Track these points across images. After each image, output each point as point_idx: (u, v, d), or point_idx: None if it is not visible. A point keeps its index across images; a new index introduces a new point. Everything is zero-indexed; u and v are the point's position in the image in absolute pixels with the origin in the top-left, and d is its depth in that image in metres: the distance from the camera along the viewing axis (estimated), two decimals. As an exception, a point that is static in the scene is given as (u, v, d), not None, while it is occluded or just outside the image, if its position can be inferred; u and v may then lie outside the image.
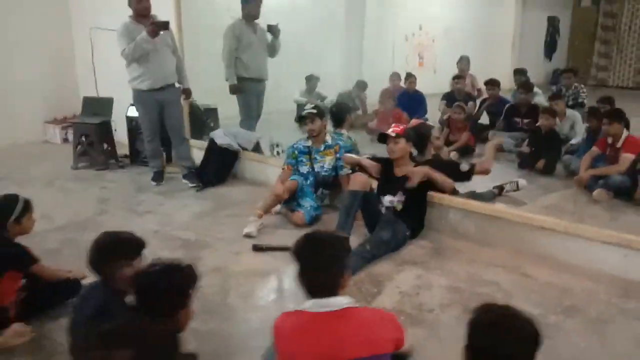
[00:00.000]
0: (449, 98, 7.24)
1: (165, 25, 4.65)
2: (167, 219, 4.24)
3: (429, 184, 3.67)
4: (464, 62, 8.08)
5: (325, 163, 4.23)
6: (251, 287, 3.19)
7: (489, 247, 3.64)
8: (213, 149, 5.24)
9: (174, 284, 1.83)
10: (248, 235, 3.81)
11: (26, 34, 6.58)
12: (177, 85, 5.02)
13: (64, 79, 7.06)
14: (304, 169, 4.27)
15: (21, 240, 2.73)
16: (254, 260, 3.54)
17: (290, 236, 3.29)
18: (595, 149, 4.86)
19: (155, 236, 3.76)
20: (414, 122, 3.96)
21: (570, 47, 13.93)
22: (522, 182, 4.68)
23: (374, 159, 3.93)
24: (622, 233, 3.21)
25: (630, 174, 4.47)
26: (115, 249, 2.08)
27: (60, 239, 3.77)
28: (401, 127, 3.66)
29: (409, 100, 7.44)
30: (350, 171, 4.24)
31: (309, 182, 4.24)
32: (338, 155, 4.21)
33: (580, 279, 3.17)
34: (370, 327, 1.65)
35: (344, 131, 4.56)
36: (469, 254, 3.56)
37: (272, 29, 5.45)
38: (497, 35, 11.99)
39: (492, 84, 6.94)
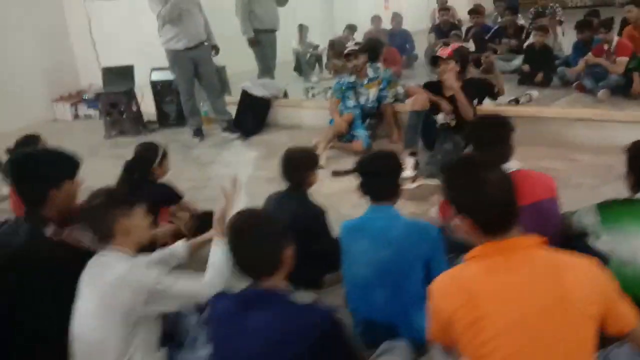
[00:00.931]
0: (437, 30, 7.73)
1: None
2: (234, 165, 4.57)
3: (476, 98, 4.15)
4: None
5: (369, 95, 4.65)
6: (348, 202, 3.62)
7: (532, 145, 4.21)
8: (246, 101, 5.53)
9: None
10: (319, 167, 4.22)
11: (16, 16, 6.47)
12: (205, 43, 5.23)
13: (61, 55, 7.03)
14: (350, 102, 4.67)
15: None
16: (337, 183, 3.98)
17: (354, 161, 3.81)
18: (591, 55, 5.48)
19: (245, 180, 4.11)
20: (454, 45, 4.39)
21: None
22: (535, 93, 5.28)
23: (423, 86, 4.33)
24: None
25: (624, 75, 5.15)
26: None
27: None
28: (448, 50, 4.10)
29: (398, 38, 7.88)
30: (393, 100, 4.70)
31: (356, 114, 4.65)
32: (381, 86, 4.62)
33: (618, 157, 3.79)
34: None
35: (379, 64, 4.95)
36: (517, 154, 4.12)
37: None
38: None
39: (476, 12, 7.45)
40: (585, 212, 2.15)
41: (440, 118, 4.19)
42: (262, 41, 5.73)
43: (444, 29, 7.65)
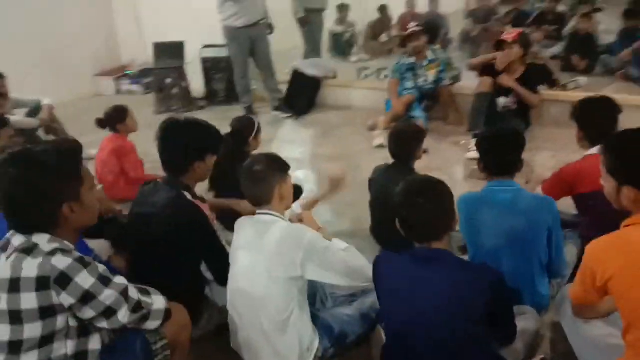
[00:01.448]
0: (474, 15, 7.77)
1: None
2: (297, 144, 4.68)
3: (536, 85, 4.25)
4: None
5: (428, 77, 4.74)
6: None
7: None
8: (298, 80, 5.62)
9: None
10: (381, 146, 4.35)
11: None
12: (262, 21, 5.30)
13: (104, 30, 7.10)
14: (409, 84, 4.76)
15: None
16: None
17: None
18: (636, 45, 5.56)
19: (308, 158, 4.25)
20: (516, 30, 4.47)
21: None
22: (583, 79, 5.36)
23: (485, 72, 4.41)
24: None
25: (673, 64, 5.25)
26: None
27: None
28: (514, 34, 4.19)
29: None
30: (451, 82, 4.80)
31: (415, 95, 4.75)
32: (440, 69, 4.72)
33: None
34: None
35: (437, 46, 5.04)
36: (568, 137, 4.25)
37: None
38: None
39: (515, -3, 7.50)
40: None
41: (501, 102, 4.30)
42: (312, 21, 5.80)
43: (481, 14, 7.70)
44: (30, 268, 1.34)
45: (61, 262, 1.35)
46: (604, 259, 1.60)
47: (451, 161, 4.05)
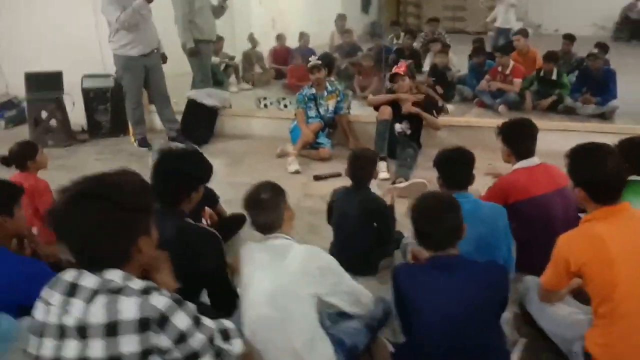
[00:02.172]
0: (341, 51, 8.40)
1: None
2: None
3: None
4: (341, 19, 9.29)
5: (329, 106, 5.06)
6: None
7: (478, 150, 5.01)
8: (194, 110, 5.55)
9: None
10: (297, 172, 4.54)
11: None
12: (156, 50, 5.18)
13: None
14: (312, 113, 5.03)
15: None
16: (322, 185, 4.31)
17: (325, 166, 4.53)
18: (488, 77, 6.57)
19: (220, 185, 4.21)
20: (403, 64, 4.99)
21: (380, 1, 16.25)
22: (450, 107, 6.17)
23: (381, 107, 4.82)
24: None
25: (518, 93, 6.30)
26: None
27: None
28: (403, 67, 4.71)
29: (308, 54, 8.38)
30: (348, 111, 5.19)
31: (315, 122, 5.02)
32: (338, 98, 5.07)
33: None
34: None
35: (332, 78, 5.39)
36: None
37: None
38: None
39: (376, 35, 8.31)
40: None
41: (397, 127, 4.78)
42: (202, 51, 5.79)
43: (346, 49, 8.37)
44: (129, 309, 1.24)
45: (160, 302, 1.28)
46: (576, 249, 1.97)
47: (365, 182, 4.36)
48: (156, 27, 5.09)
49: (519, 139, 2.79)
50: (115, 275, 1.30)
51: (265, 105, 5.89)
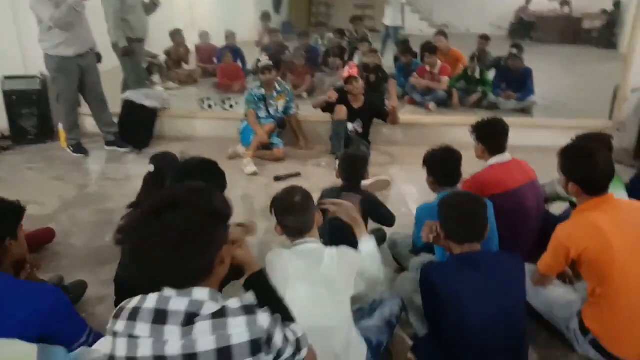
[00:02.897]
0: (267, 50, 8.33)
1: None
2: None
3: (374, 114, 4.96)
4: (264, 17, 9.27)
5: (278, 106, 5.04)
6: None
7: (419, 146, 5.23)
8: (131, 112, 5.27)
9: None
10: (254, 173, 4.49)
11: None
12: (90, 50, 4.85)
13: None
14: (262, 113, 4.98)
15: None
16: (282, 186, 4.24)
17: (281, 166, 4.56)
18: (416, 75, 6.89)
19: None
20: (354, 66, 5.09)
21: (290, 1, 16.32)
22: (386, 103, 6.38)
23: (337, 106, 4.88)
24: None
25: (446, 91, 6.68)
26: None
27: (77, 218, 3.70)
28: (355, 69, 4.82)
29: (234, 54, 8.25)
30: (298, 110, 5.21)
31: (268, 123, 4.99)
32: (288, 98, 5.07)
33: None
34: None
35: (278, 78, 5.35)
36: (404, 152, 5.10)
37: None
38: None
39: (304, 35, 8.37)
40: (554, 184, 3.12)
41: (349, 126, 4.89)
42: (135, 50, 5.51)
43: (274, 48, 8.34)
44: (240, 332, 1.16)
45: (265, 321, 1.22)
46: (576, 237, 2.18)
47: (324, 182, 4.40)
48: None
49: (492, 137, 2.96)
50: (203, 294, 1.23)
51: (210, 106, 5.72)
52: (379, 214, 2.92)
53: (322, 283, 1.87)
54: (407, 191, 4.23)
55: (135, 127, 5.24)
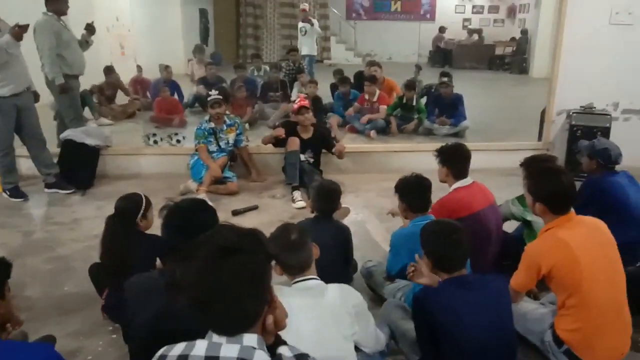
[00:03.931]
0: (205, 82, 8.30)
1: (26, 28, 4.33)
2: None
3: (323, 144, 5.07)
4: (198, 50, 9.21)
5: (229, 139, 5.02)
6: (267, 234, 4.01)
7: (365, 173, 5.41)
8: (72, 151, 5.04)
9: None
10: (211, 209, 4.41)
11: None
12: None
13: None
14: (212, 147, 4.95)
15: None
16: (243, 220, 4.26)
17: (236, 200, 4.60)
18: (357, 105, 7.12)
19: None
20: (302, 97, 5.16)
21: (216, 33, 16.36)
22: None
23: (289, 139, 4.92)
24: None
25: (385, 119, 6.94)
26: None
27: (28, 267, 3.48)
28: (306, 101, 4.92)
29: (171, 88, 8.13)
30: (248, 142, 5.22)
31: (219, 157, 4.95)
32: (238, 131, 5.07)
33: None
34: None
35: (227, 112, 5.34)
36: (355, 180, 5.24)
37: (91, 27, 5.46)
38: (169, 28, 13.25)
39: (240, 67, 8.43)
40: (509, 205, 3.34)
41: (302, 156, 4.96)
42: (72, 87, 5.31)
43: (211, 81, 8.30)
44: None
45: None
46: (546, 254, 2.35)
47: (284, 213, 4.43)
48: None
49: (456, 161, 3.11)
50: (252, 341, 1.23)
51: (156, 142, 5.58)
52: (348, 252, 2.98)
53: (328, 317, 1.89)
54: (367, 219, 4.32)
55: (77, 167, 5.03)
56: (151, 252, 2.70)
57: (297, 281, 1.98)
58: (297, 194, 4.56)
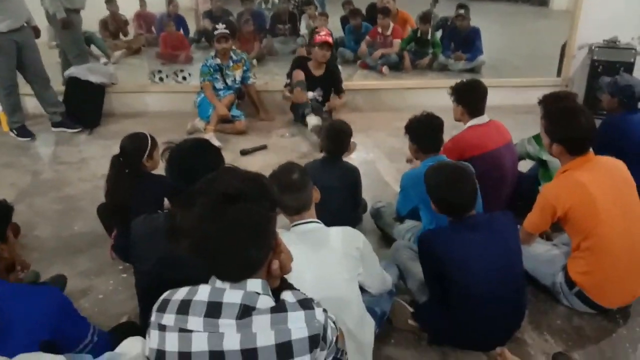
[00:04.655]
0: (210, 16, 8.01)
1: None
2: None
3: (333, 83, 4.89)
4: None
5: (235, 76, 4.87)
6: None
7: (375, 111, 5.27)
8: (77, 89, 4.95)
9: None
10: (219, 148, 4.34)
11: None
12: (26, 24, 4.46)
13: None
14: (219, 84, 4.81)
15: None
16: (252, 160, 4.21)
17: (244, 139, 4.51)
18: (369, 38, 6.85)
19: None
20: (326, 31, 4.94)
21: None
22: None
23: (295, 71, 4.73)
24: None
25: (398, 53, 6.69)
26: None
27: (37, 207, 3.48)
28: (328, 34, 4.69)
29: (177, 22, 7.86)
30: (256, 80, 5.07)
31: (226, 95, 4.83)
32: (245, 68, 4.91)
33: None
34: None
35: (234, 47, 5.15)
36: (366, 119, 5.10)
37: None
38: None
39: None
40: (524, 143, 3.22)
41: (310, 95, 4.80)
42: (74, 22, 5.13)
43: (217, 14, 8.00)
44: (300, 327, 1.13)
45: (320, 315, 1.18)
46: (563, 196, 2.27)
47: (292, 153, 4.35)
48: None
49: (471, 99, 2.96)
50: (256, 286, 1.18)
51: (161, 79, 5.44)
52: (357, 193, 2.91)
53: (329, 263, 1.85)
54: (377, 159, 4.24)
55: (83, 105, 4.94)
56: (158, 192, 2.67)
57: (297, 224, 1.93)
58: (310, 117, 4.44)
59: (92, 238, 3.02)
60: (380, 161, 4.18)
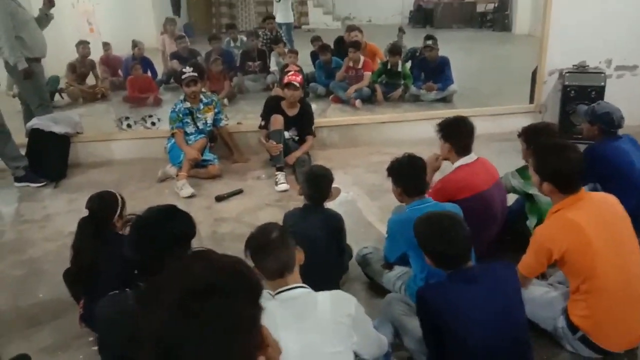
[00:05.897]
0: (178, 57, 7.90)
1: None
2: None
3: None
4: (169, 22, 8.76)
5: (207, 119, 4.72)
6: (254, 216, 3.77)
7: (352, 147, 5.17)
8: (40, 141, 4.72)
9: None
10: (192, 196, 4.18)
11: None
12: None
13: None
14: (190, 128, 4.65)
15: None
16: (227, 206, 4.04)
17: (218, 184, 4.37)
18: (342, 72, 6.81)
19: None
20: (295, 70, 4.86)
21: (189, 2, 15.68)
22: (313, 105, 6.24)
23: (267, 114, 4.63)
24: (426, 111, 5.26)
25: (369, 86, 6.66)
26: None
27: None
28: (299, 77, 4.60)
29: (144, 65, 7.73)
30: (228, 121, 4.94)
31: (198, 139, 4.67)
32: (216, 110, 4.77)
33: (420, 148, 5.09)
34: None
35: (204, 89, 5.03)
36: (343, 155, 5.00)
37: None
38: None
39: (215, 38, 8.03)
40: (508, 177, 3.14)
41: (286, 134, 4.68)
42: (36, 71, 4.94)
43: (184, 55, 7.90)
44: None
45: None
46: (558, 237, 2.16)
47: (269, 196, 4.19)
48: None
49: (459, 136, 2.87)
50: None
51: (129, 126, 5.25)
52: (341, 240, 2.77)
53: (314, 332, 1.67)
54: (357, 197, 4.10)
55: (47, 158, 4.71)
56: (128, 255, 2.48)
57: (281, 291, 1.75)
58: (280, 176, 4.30)
59: (56, 306, 2.78)
60: (361, 199, 4.05)
